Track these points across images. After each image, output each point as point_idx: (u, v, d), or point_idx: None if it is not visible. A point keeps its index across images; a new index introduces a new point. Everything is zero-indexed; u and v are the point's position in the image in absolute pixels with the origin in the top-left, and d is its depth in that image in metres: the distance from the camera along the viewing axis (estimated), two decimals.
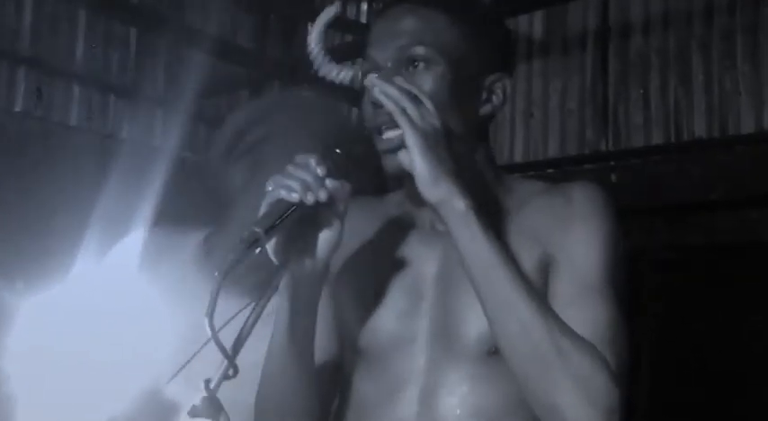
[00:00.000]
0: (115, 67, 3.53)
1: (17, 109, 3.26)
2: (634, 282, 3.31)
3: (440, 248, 1.39)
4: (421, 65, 1.34)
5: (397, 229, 1.44)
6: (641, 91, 3.08)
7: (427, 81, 1.34)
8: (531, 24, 3.34)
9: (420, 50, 1.34)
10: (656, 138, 3.04)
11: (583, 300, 1.29)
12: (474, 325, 1.34)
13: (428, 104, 1.28)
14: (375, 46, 1.37)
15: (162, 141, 3.63)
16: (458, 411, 1.33)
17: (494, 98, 1.40)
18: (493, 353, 1.32)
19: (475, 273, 1.26)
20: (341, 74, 1.31)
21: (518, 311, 1.24)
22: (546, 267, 1.33)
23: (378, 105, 1.32)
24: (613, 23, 3.18)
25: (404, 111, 1.26)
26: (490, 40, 1.41)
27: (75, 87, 3.42)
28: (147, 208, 2.55)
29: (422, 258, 1.40)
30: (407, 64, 1.34)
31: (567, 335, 1.24)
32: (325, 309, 1.40)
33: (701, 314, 3.07)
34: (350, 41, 3.58)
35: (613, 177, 3.07)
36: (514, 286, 1.24)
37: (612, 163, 3.09)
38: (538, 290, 1.30)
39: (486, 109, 1.40)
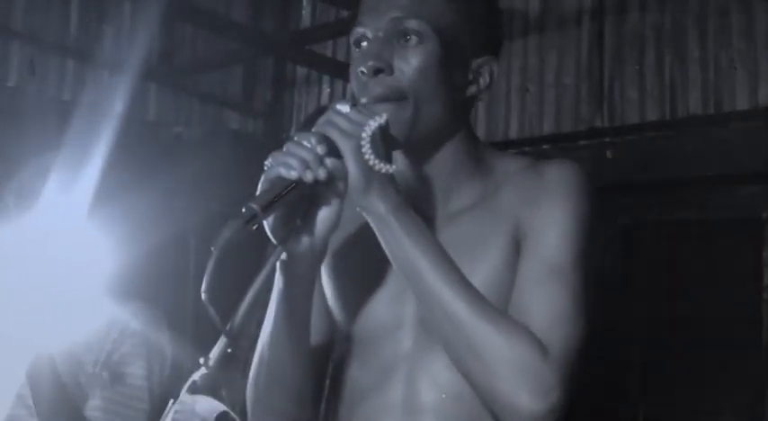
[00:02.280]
0: (109, 42, 3.52)
1: (10, 84, 3.25)
2: (628, 257, 3.32)
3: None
4: (414, 39, 1.33)
5: None
6: (637, 67, 3.07)
7: (417, 56, 1.33)
8: (528, 0, 3.33)
9: (414, 24, 1.32)
10: (652, 115, 3.04)
11: (543, 279, 1.30)
12: None
13: (360, 107, 1.28)
14: (368, 14, 1.36)
15: (155, 116, 3.62)
16: (443, 395, 1.34)
17: (480, 80, 1.39)
18: None
19: (402, 271, 1.29)
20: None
21: (443, 303, 1.26)
22: (518, 245, 1.34)
23: (365, 75, 1.32)
24: None
25: (328, 122, 1.26)
26: (482, 22, 1.40)
27: (68, 62, 3.40)
28: (138, 181, 2.55)
29: None
30: (400, 36, 1.33)
31: (498, 322, 1.25)
32: (318, 292, 1.41)
33: (695, 289, 3.09)
34: (345, 17, 3.56)
35: (608, 153, 3.07)
36: (437, 279, 1.26)
37: (607, 139, 3.09)
38: (493, 276, 1.32)
39: (471, 90, 1.39)
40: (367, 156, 1.25)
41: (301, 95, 3.92)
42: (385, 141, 1.28)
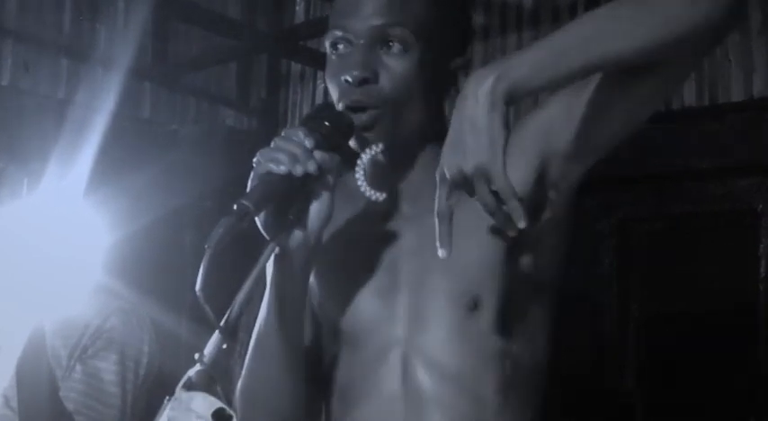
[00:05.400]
0: (103, 40, 3.51)
1: (4, 83, 3.24)
2: (624, 251, 3.30)
3: (415, 222, 1.39)
4: (397, 46, 1.33)
5: (371, 205, 1.43)
6: None
7: (401, 65, 1.33)
8: None
9: (398, 32, 1.32)
10: None
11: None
12: (451, 287, 1.34)
13: None
14: (348, 17, 1.35)
15: (150, 114, 3.62)
16: (438, 374, 1.33)
17: (459, 82, 1.39)
18: (472, 308, 1.33)
19: (571, 67, 1.21)
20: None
21: (610, 44, 1.21)
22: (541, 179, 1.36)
23: (349, 83, 1.32)
24: None
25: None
26: (457, 24, 1.41)
27: (62, 60, 3.40)
28: (135, 181, 2.56)
29: (397, 233, 1.40)
30: (382, 43, 1.33)
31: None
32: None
33: (691, 281, 3.09)
34: None
35: None
36: (580, 50, 1.20)
37: None
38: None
39: (450, 91, 1.40)
40: (360, 183, 1.25)
41: (296, 91, 3.92)
42: (379, 168, 1.28)
